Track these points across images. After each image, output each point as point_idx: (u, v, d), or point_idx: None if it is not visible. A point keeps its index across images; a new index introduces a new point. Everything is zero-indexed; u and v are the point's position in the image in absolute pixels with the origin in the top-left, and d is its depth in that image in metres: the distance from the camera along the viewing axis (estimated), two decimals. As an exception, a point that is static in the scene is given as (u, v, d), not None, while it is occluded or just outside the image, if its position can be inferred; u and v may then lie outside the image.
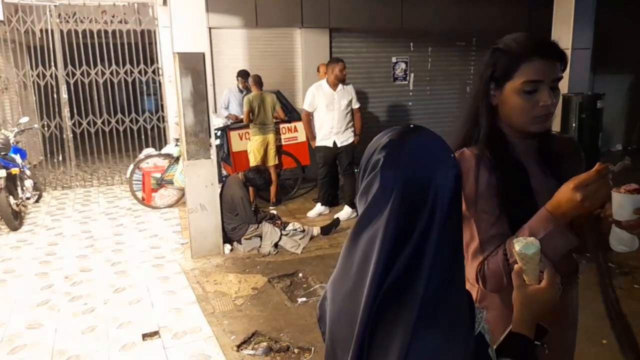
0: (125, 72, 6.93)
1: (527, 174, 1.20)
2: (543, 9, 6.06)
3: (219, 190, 4.58)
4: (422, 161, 0.71)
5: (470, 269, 1.14)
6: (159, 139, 7.25)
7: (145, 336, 3.11)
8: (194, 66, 4.09)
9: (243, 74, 6.63)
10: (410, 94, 8.23)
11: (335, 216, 5.37)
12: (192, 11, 4.06)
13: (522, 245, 0.87)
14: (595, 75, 8.18)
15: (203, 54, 4.13)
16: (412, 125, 0.78)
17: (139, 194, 6.20)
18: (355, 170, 5.58)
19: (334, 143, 5.47)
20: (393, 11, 7.59)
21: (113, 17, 6.80)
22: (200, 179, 4.38)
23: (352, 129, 5.57)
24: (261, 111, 5.86)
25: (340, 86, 5.41)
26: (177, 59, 4.09)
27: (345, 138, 5.50)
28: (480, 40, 8.35)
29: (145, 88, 11.69)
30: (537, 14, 7.74)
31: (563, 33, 4.93)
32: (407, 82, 8.15)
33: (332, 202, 5.95)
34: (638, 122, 9.37)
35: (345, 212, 5.53)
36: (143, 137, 7.08)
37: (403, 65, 8.04)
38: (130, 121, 7.09)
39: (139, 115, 7.13)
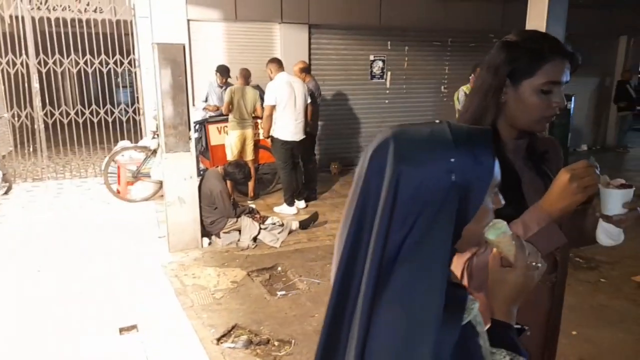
0: (100, 63, 6.77)
1: (517, 173, 1.23)
2: (517, 6, 6.20)
3: (197, 184, 4.55)
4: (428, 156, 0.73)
5: (457, 266, 1.16)
6: (134, 131, 7.12)
7: (122, 330, 3.09)
8: (173, 57, 4.05)
9: (221, 70, 6.57)
10: (387, 92, 8.32)
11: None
12: (172, 1, 4.01)
13: (488, 229, 0.82)
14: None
15: (183, 45, 4.10)
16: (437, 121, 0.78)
17: (114, 187, 6.09)
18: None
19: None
20: (371, 9, 7.66)
21: (87, 5, 6.63)
22: (179, 172, 4.34)
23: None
24: (241, 105, 5.83)
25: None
26: (156, 50, 4.03)
27: None
28: (455, 40, 8.51)
29: (120, 79, 11.45)
30: (511, 11, 7.94)
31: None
32: (384, 80, 8.24)
33: (309, 196, 6.00)
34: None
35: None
36: (118, 129, 6.95)
37: (380, 64, 8.12)
38: (105, 113, 6.94)
39: (114, 107, 6.99)
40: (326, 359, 0.78)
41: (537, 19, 5.19)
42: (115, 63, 6.83)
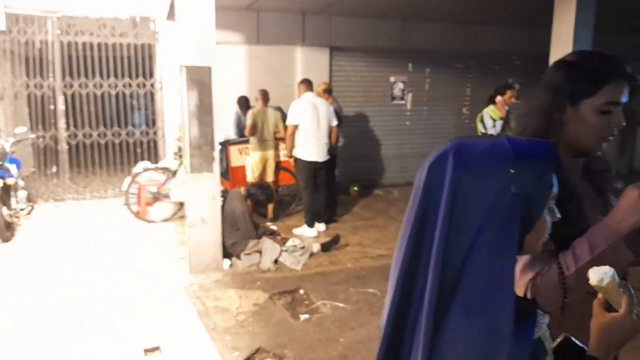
0: (124, 85, 6.90)
1: (576, 192, 1.20)
2: (541, 30, 6.18)
3: (220, 204, 4.53)
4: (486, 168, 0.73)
5: (520, 285, 1.13)
6: (151, 152, 7.18)
7: (146, 351, 3.03)
8: (200, 79, 4.09)
9: (241, 102, 6.68)
10: (408, 113, 8.32)
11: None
12: (201, 24, 4.08)
13: (596, 275, 0.84)
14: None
15: (210, 68, 4.14)
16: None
17: (134, 208, 6.12)
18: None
19: None
20: (393, 31, 7.73)
21: (113, 29, 6.80)
22: (202, 193, 4.33)
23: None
24: (263, 127, 5.87)
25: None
26: (184, 72, 4.08)
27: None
28: (478, 62, 8.51)
29: (136, 102, 11.66)
30: (535, 35, 7.91)
31: (561, 55, 5.00)
32: (404, 102, 8.24)
33: (329, 219, 5.94)
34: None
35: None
36: (138, 150, 7.02)
37: (401, 85, 8.14)
38: (127, 134, 7.04)
39: (136, 128, 7.08)
40: None
41: (561, 44, 5.14)
42: (138, 85, 6.95)
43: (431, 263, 0.70)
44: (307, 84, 5.55)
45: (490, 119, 5.28)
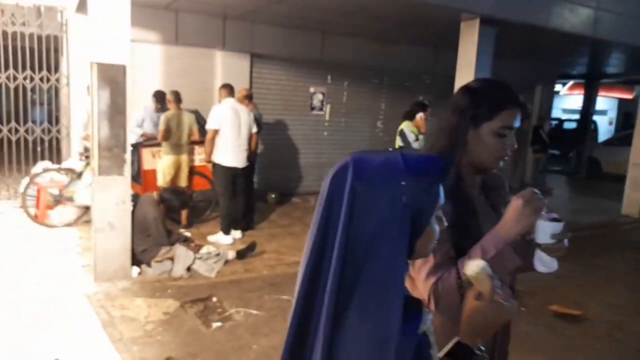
0: (25, 78, 6.35)
1: (475, 205, 1.34)
2: (447, 53, 6.70)
3: (130, 209, 4.33)
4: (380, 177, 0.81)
5: (423, 290, 1.23)
6: (53, 152, 6.65)
7: (42, 366, 2.81)
8: (113, 78, 3.90)
9: (158, 96, 6.38)
10: (326, 124, 8.52)
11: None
12: (115, 20, 3.90)
13: (468, 267, 0.95)
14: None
15: (124, 66, 3.97)
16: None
17: (32, 211, 5.64)
18: None
19: None
20: (313, 42, 7.89)
21: (13, 16, 6.24)
22: (111, 196, 4.12)
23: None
24: (177, 131, 5.70)
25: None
26: (95, 69, 3.87)
27: None
28: (391, 79, 8.96)
29: (37, 97, 10.76)
30: (442, 57, 8.52)
31: (466, 77, 5.50)
32: (323, 113, 8.45)
33: (246, 226, 5.91)
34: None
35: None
36: (39, 149, 6.48)
37: (320, 96, 8.34)
38: (26, 131, 6.47)
39: (36, 125, 6.53)
40: None
41: (466, 67, 5.65)
42: (41, 79, 6.43)
43: (332, 266, 0.77)
44: (229, 89, 5.50)
45: (412, 134, 5.56)
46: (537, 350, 3.48)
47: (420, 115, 5.59)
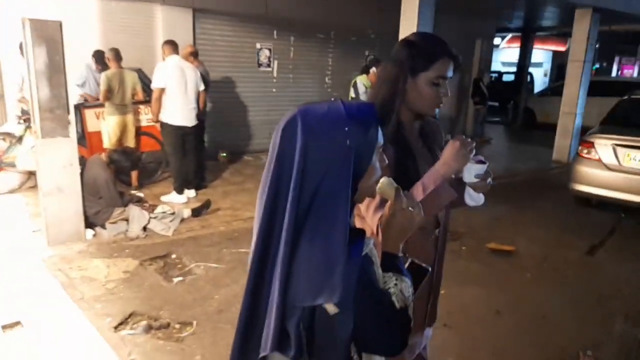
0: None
1: (413, 149, 1.50)
2: (391, 7, 6.78)
3: (78, 172, 4.26)
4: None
5: (372, 224, 1.39)
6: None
7: (5, 327, 2.84)
8: (50, 35, 3.73)
9: (97, 56, 6.10)
10: (274, 80, 8.48)
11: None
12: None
13: (378, 185, 1.06)
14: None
15: (60, 23, 3.79)
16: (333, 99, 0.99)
17: (-30, 179, 5.39)
18: None
19: None
20: (257, -3, 7.72)
21: None
22: (57, 159, 4.03)
23: None
24: (120, 90, 5.53)
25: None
26: (28, 26, 3.68)
27: None
28: (337, 33, 8.95)
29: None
30: (386, 13, 8.57)
31: (408, 32, 5.64)
32: (271, 69, 8.38)
33: (199, 185, 5.94)
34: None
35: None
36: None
37: (267, 52, 8.24)
38: (-47, 95, 6.07)
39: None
40: (253, 300, 0.94)
41: (408, 22, 5.79)
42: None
43: (287, 206, 0.89)
44: (173, 45, 5.36)
45: (363, 86, 5.79)
46: (475, 282, 3.86)
47: (373, 70, 5.80)
